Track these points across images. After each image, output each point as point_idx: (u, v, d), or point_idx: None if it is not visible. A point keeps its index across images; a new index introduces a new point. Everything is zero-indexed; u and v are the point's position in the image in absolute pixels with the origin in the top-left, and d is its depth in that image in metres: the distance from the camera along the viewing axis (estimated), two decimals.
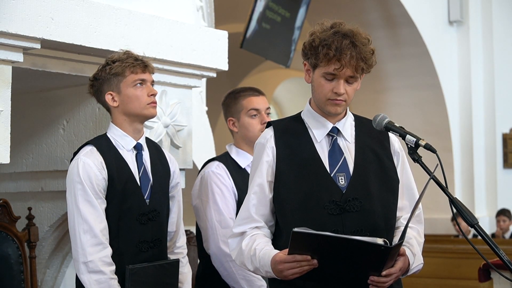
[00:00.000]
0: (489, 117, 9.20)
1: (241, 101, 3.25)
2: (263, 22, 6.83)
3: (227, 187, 3.17)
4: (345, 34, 2.27)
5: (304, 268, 2.14)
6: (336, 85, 2.30)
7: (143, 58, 2.83)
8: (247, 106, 3.24)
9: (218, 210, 3.14)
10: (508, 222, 8.25)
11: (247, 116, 3.23)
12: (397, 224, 2.42)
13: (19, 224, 3.35)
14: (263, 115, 3.24)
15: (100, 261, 2.62)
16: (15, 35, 2.69)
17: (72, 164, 2.73)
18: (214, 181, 3.17)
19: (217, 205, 3.15)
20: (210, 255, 3.18)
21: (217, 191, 3.16)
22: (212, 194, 3.16)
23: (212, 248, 3.14)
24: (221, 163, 3.22)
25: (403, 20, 8.40)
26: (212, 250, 3.15)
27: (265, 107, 3.26)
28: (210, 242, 3.15)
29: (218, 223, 3.12)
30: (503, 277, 2.34)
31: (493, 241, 2.14)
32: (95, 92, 2.84)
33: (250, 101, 3.24)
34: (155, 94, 2.81)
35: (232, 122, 3.28)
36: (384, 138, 2.45)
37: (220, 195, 3.16)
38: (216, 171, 3.19)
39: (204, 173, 3.23)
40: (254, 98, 3.26)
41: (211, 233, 3.14)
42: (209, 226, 3.15)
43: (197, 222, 3.27)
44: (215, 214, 3.14)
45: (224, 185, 3.17)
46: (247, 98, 3.25)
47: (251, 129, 3.23)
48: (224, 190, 3.16)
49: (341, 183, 2.33)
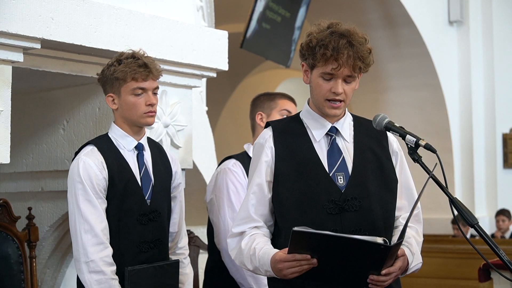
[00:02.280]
0: (489, 117, 9.19)
1: (277, 100, 3.38)
2: (263, 22, 6.83)
3: (242, 185, 3.24)
4: (342, 34, 2.28)
5: (303, 267, 2.15)
6: (334, 85, 2.31)
7: (150, 63, 2.77)
8: (282, 105, 3.36)
9: (231, 207, 3.21)
10: (507, 222, 8.24)
11: (279, 115, 3.32)
12: (396, 224, 2.43)
13: (19, 224, 3.35)
14: None
15: (101, 261, 2.62)
16: (15, 35, 2.69)
17: (73, 164, 2.73)
18: (230, 178, 3.25)
19: (231, 202, 3.22)
20: (220, 250, 3.23)
21: (232, 188, 3.23)
22: (227, 191, 3.23)
23: (223, 244, 3.18)
24: (238, 161, 3.30)
25: (403, 20, 8.39)
26: (223, 246, 3.19)
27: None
28: (221, 238, 3.20)
29: (231, 220, 3.16)
30: (503, 277, 2.33)
31: (493, 241, 2.14)
32: (102, 87, 2.85)
33: (285, 103, 3.38)
34: (153, 104, 2.77)
35: (260, 117, 3.37)
36: (383, 138, 2.46)
37: (234, 192, 3.23)
38: (232, 168, 3.27)
39: (220, 169, 3.31)
40: (289, 102, 3.40)
41: (223, 229, 3.20)
42: (222, 222, 3.21)
43: (209, 217, 3.33)
44: (228, 211, 3.21)
45: (239, 183, 3.24)
46: (284, 99, 3.40)
47: None
48: (239, 188, 3.23)
49: (340, 182, 2.33)
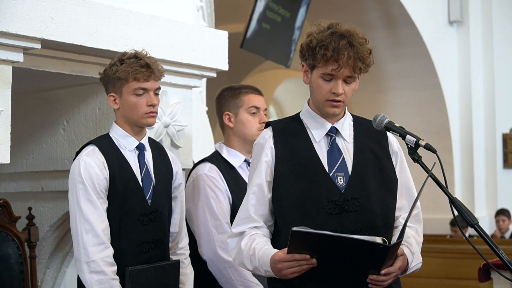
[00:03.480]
0: (489, 117, 9.19)
1: (242, 97, 3.19)
2: (263, 22, 6.83)
3: (222, 191, 3.08)
4: (342, 34, 2.27)
5: (303, 267, 2.14)
6: (334, 86, 2.31)
7: (152, 63, 2.77)
8: (248, 102, 3.18)
9: (213, 215, 3.04)
10: (507, 222, 8.25)
11: (247, 113, 3.17)
12: (396, 224, 2.43)
13: (19, 224, 3.35)
14: (262, 115, 3.20)
15: (102, 261, 2.62)
16: (15, 35, 2.69)
17: (74, 164, 2.73)
18: (208, 185, 3.07)
19: (212, 210, 3.05)
20: (206, 261, 3.07)
21: (212, 195, 3.06)
22: (207, 198, 3.06)
23: (209, 254, 3.04)
24: (213, 165, 3.12)
25: (403, 20, 8.40)
26: (209, 256, 3.04)
27: (263, 107, 3.23)
28: (206, 248, 3.05)
29: (215, 229, 3.03)
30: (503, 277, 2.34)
31: (493, 241, 2.14)
32: (103, 86, 2.84)
33: (251, 98, 3.19)
34: (154, 105, 2.76)
35: (228, 117, 3.19)
36: (383, 138, 2.45)
37: (215, 199, 3.06)
38: (209, 174, 3.09)
39: (196, 175, 3.13)
40: (255, 96, 3.21)
41: (207, 239, 3.04)
42: (204, 232, 3.05)
43: (189, 227, 3.13)
44: (210, 219, 3.04)
45: (218, 189, 3.07)
46: (249, 95, 3.20)
47: (249, 126, 3.16)
48: (218, 194, 3.07)
49: (340, 182, 2.33)
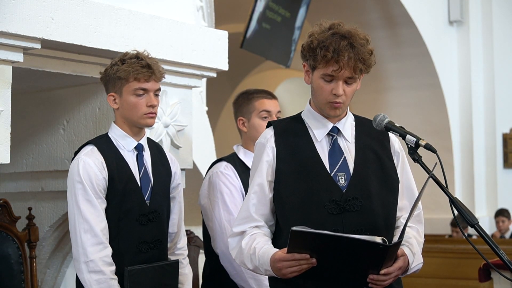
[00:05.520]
0: (489, 117, 9.18)
1: (253, 102, 3.29)
2: (263, 22, 6.83)
3: (236, 187, 3.19)
4: (343, 35, 2.27)
5: (303, 267, 2.15)
6: (335, 87, 2.30)
7: (153, 64, 2.77)
8: (259, 107, 3.27)
9: (227, 210, 3.16)
10: (507, 222, 8.24)
11: (258, 118, 3.26)
12: (397, 224, 2.43)
13: (19, 224, 3.35)
14: (273, 118, 3.26)
15: (101, 261, 2.62)
16: (15, 35, 2.69)
17: (73, 164, 2.73)
18: (222, 181, 3.19)
19: (226, 205, 3.17)
20: (218, 254, 3.18)
21: (226, 191, 3.18)
22: (221, 194, 3.18)
23: (221, 247, 3.14)
24: (229, 164, 3.24)
25: (403, 20, 8.39)
26: (221, 250, 3.15)
27: (276, 110, 3.30)
28: (219, 242, 3.16)
29: (228, 223, 3.12)
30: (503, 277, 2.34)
31: (493, 241, 2.14)
32: (104, 85, 2.84)
33: (262, 103, 3.28)
34: (154, 105, 2.77)
35: (242, 122, 3.31)
36: (384, 138, 2.45)
37: (229, 195, 3.18)
38: (224, 171, 3.21)
39: (212, 173, 3.25)
40: (267, 101, 3.30)
41: (220, 233, 3.15)
42: (218, 226, 3.17)
43: (204, 222, 3.29)
44: (224, 214, 3.16)
45: (232, 185, 3.19)
46: (260, 99, 3.29)
47: (260, 130, 3.21)
48: (233, 190, 3.19)
49: (341, 182, 2.33)
